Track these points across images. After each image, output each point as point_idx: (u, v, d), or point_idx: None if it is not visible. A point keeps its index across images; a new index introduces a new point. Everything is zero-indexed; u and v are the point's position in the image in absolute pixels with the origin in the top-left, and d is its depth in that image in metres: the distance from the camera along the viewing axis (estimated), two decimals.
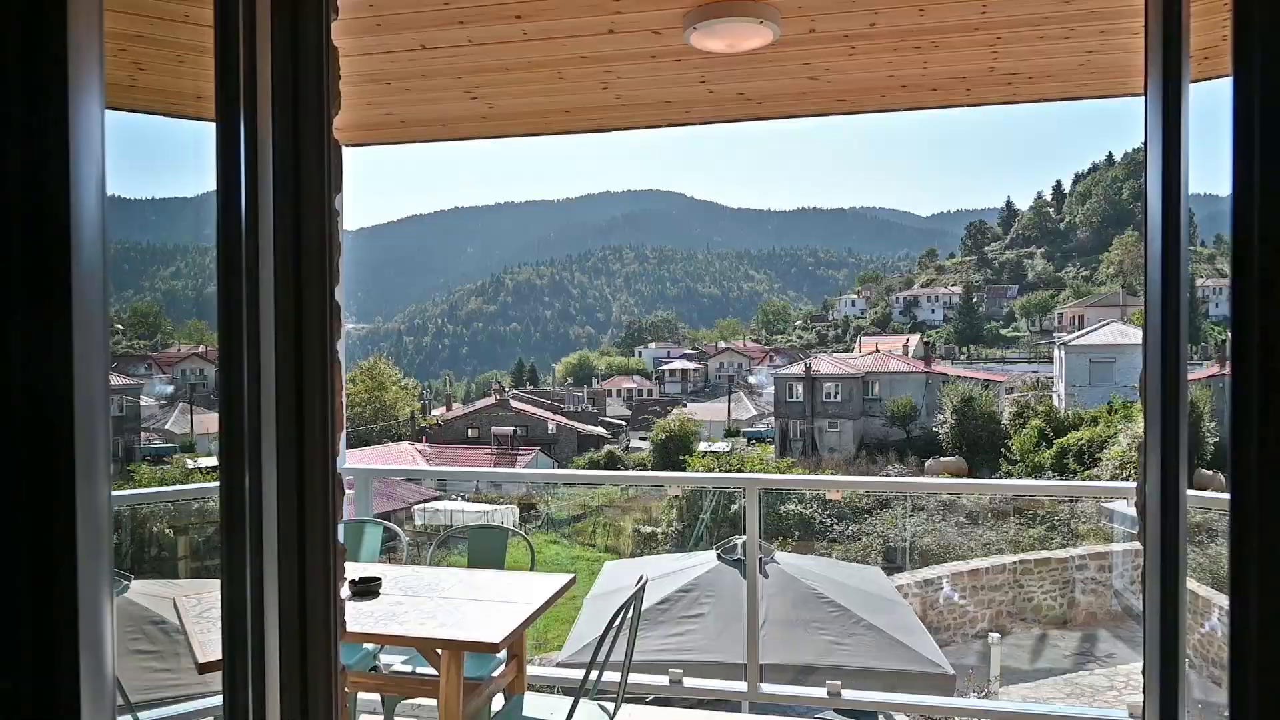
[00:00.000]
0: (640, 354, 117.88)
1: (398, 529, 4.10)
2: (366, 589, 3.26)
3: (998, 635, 11.08)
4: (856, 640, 6.67)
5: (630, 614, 3.04)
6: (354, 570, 3.57)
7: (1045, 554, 14.80)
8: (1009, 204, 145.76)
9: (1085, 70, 3.49)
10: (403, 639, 2.86)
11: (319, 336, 1.67)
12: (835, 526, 21.53)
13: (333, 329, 1.68)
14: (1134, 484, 2.00)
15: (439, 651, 2.96)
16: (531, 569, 3.72)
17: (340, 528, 4.27)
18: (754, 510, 4.36)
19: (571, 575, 3.43)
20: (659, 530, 26.68)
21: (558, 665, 6.85)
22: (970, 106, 3.98)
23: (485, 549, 3.93)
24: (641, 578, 3.11)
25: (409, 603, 3.18)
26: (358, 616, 3.03)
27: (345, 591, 3.25)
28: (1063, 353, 47.75)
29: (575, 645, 6.86)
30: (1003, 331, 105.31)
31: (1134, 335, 46.76)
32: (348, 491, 4.92)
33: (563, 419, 56.30)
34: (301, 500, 1.69)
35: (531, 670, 4.29)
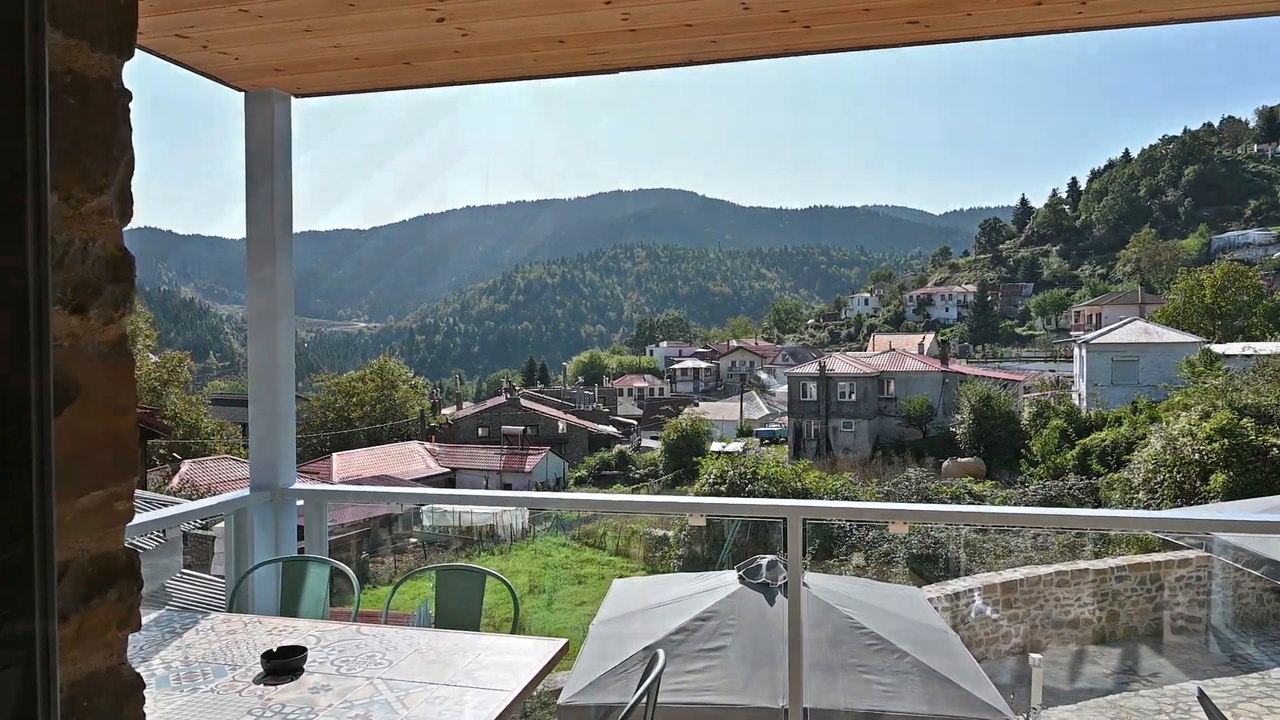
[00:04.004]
0: (651, 353, 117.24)
1: (348, 569, 3.23)
2: (284, 666, 2.40)
3: (1039, 657, 10.16)
4: (902, 680, 5.82)
5: (648, 700, 2.19)
6: (281, 633, 2.72)
7: (1083, 564, 13.89)
8: (1024, 202, 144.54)
9: None
10: None
11: (17, 310, 0.80)
12: (854, 532, 20.52)
13: (44, 297, 0.80)
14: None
15: None
16: (514, 629, 2.85)
17: (283, 566, 3.39)
18: (797, 544, 3.49)
19: (564, 641, 2.57)
20: (670, 534, 25.78)
21: (559, 705, 6.04)
22: (1079, 31, 3.09)
23: (455, 600, 3.04)
24: (658, 657, 2.25)
25: (338, 685, 2.32)
26: (262, 712, 2.17)
27: (255, 669, 2.40)
28: (1083, 351, 46.37)
29: (580, 682, 6.03)
30: (1018, 330, 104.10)
31: (1157, 334, 45.41)
32: (299, 503, 4.07)
33: (573, 418, 55.64)
34: None
35: None
